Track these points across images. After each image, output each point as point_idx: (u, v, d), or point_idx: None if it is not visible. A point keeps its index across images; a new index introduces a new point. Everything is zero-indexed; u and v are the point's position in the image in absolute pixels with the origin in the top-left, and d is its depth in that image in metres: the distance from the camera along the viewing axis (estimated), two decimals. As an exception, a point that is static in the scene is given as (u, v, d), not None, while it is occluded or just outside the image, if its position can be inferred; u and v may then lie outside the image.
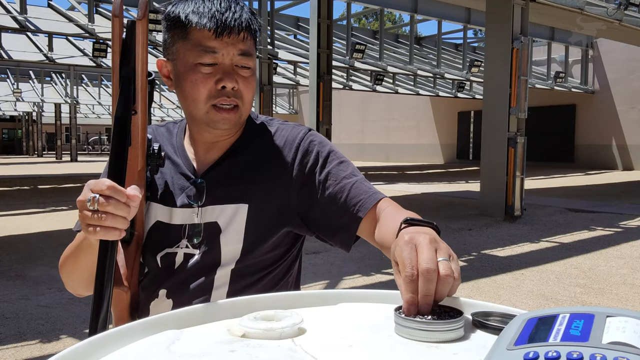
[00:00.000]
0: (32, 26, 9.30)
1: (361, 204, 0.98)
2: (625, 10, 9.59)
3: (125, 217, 0.79)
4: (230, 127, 0.98)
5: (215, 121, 0.96)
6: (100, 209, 0.77)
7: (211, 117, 0.96)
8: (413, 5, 13.27)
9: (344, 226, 0.99)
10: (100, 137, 46.64)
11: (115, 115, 0.85)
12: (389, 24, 28.35)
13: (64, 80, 24.45)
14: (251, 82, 0.97)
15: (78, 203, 0.81)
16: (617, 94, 18.26)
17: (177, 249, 0.99)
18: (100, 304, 0.81)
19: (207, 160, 1.03)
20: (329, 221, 1.00)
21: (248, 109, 0.99)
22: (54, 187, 12.94)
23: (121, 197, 0.78)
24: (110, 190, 0.78)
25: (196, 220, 0.99)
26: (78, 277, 1.00)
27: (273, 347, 0.64)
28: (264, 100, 10.30)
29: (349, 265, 4.86)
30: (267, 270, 1.02)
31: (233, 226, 0.98)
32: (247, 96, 0.97)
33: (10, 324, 3.33)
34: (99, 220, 0.78)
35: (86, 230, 0.80)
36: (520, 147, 7.60)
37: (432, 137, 24.31)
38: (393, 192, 11.29)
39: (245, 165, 1.02)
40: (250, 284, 1.00)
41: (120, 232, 0.80)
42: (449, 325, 0.65)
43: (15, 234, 6.52)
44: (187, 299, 0.97)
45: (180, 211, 1.00)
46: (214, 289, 0.98)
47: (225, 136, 1.02)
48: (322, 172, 1.02)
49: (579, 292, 4.02)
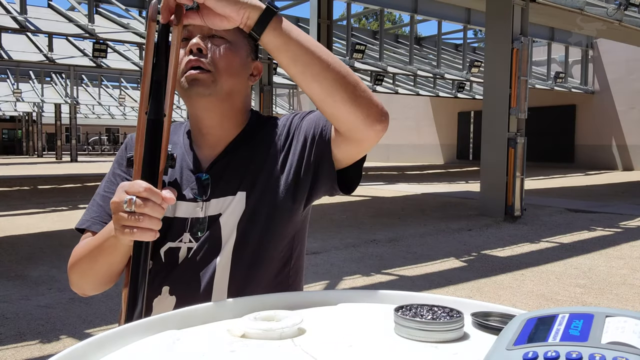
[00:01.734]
0: (32, 26, 9.30)
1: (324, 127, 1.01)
2: (625, 10, 9.59)
3: (159, 219, 0.82)
4: (204, 91, 0.97)
5: (186, 82, 0.96)
6: (137, 210, 0.80)
7: (184, 85, 0.96)
8: (413, 5, 13.27)
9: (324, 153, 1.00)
10: (100, 137, 46.63)
11: (148, 118, 0.86)
12: (388, 24, 28.37)
13: (64, 80, 24.45)
14: (225, 52, 0.97)
15: (112, 205, 0.83)
16: (617, 94, 18.26)
17: (180, 243, 1.00)
18: (134, 303, 0.84)
19: (211, 155, 1.05)
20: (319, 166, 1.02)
21: (225, 78, 0.98)
22: (54, 187, 12.94)
23: (157, 199, 0.81)
24: (147, 192, 0.80)
25: (200, 214, 1.00)
26: (92, 278, 1.00)
27: (273, 347, 0.64)
28: (264, 100, 10.31)
29: (349, 265, 4.86)
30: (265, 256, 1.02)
31: (232, 211, 1.00)
32: (220, 63, 0.97)
33: (10, 324, 3.33)
34: (136, 222, 0.80)
35: (121, 231, 0.82)
36: (520, 147, 7.60)
37: (432, 137, 24.31)
38: (393, 192, 11.29)
39: (247, 158, 1.04)
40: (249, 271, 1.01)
41: (155, 233, 0.82)
42: (449, 325, 0.65)
43: (16, 234, 6.52)
44: (189, 294, 0.97)
45: (184, 204, 1.01)
46: (216, 279, 0.98)
47: (204, 103, 1.00)
48: (295, 134, 1.05)
49: (579, 292, 4.02)
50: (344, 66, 0.88)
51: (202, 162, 1.05)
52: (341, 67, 0.87)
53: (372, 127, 0.90)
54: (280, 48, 0.83)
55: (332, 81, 0.85)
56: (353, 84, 0.87)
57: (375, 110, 0.89)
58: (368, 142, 0.94)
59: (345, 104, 0.87)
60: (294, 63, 0.85)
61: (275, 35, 0.82)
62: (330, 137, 0.99)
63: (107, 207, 1.04)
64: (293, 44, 0.84)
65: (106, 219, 1.03)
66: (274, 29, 0.82)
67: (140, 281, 0.85)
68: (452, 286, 4.17)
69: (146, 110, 0.86)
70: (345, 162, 1.01)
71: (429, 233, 6.50)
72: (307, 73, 0.85)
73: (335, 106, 0.88)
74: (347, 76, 0.87)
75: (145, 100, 0.87)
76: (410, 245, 5.78)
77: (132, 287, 0.85)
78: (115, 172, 1.09)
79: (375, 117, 0.89)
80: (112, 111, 32.13)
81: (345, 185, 1.03)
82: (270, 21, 0.82)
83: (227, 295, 0.98)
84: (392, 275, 4.57)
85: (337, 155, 0.99)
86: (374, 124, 0.89)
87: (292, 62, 0.85)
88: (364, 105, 0.88)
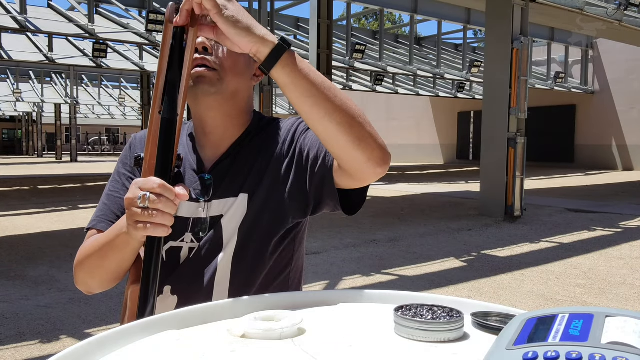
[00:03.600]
0: (32, 26, 9.30)
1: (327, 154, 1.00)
2: (625, 10, 9.59)
3: (172, 215, 0.83)
4: (209, 89, 0.98)
5: (192, 80, 0.97)
6: (151, 206, 0.81)
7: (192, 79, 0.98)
8: (413, 5, 13.27)
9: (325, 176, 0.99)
10: (100, 137, 46.63)
11: (162, 117, 0.87)
12: (388, 25, 28.37)
13: (64, 80, 24.46)
14: (231, 53, 0.99)
15: (126, 201, 0.84)
16: (617, 94, 18.26)
17: (181, 243, 1.01)
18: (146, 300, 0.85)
19: (214, 156, 1.06)
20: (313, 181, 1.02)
21: (230, 77, 1.00)
22: (54, 187, 12.94)
23: (170, 195, 0.82)
24: (161, 188, 0.82)
25: (202, 214, 1.01)
26: (101, 275, 1.01)
27: (273, 347, 0.64)
28: (264, 100, 10.30)
29: (349, 265, 4.86)
30: (267, 256, 1.03)
31: (234, 212, 1.01)
32: (226, 63, 0.99)
33: (10, 324, 3.33)
34: (149, 217, 0.81)
35: (134, 227, 0.83)
36: (520, 147, 7.60)
37: (432, 137, 24.31)
38: (393, 192, 11.29)
39: (250, 160, 1.04)
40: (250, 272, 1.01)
41: (168, 229, 0.83)
42: (449, 325, 0.65)
43: (16, 234, 6.52)
44: (191, 293, 0.98)
45: (186, 204, 1.02)
46: (216, 279, 0.99)
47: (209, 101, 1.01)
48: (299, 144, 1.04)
49: (579, 292, 4.02)
50: (353, 107, 0.87)
51: (205, 163, 1.05)
52: (350, 108, 0.86)
53: (373, 170, 0.90)
54: (289, 85, 0.83)
55: (338, 124, 0.84)
56: (359, 127, 0.86)
57: (378, 154, 0.88)
58: (367, 181, 0.95)
59: (348, 146, 0.86)
60: (302, 101, 0.84)
61: (285, 73, 0.82)
62: (332, 165, 0.98)
63: (112, 205, 1.05)
64: (302, 81, 0.83)
65: (111, 217, 1.04)
66: (284, 67, 0.81)
67: (152, 278, 0.86)
68: (452, 286, 4.17)
69: (160, 109, 0.88)
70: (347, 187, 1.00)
71: (429, 233, 6.50)
72: (314, 112, 0.85)
73: (339, 147, 0.87)
74: (355, 118, 0.86)
75: (159, 100, 0.88)
76: (410, 245, 5.78)
77: (144, 283, 0.86)
78: (120, 171, 1.10)
79: (376, 161, 0.89)
80: (112, 111, 32.16)
81: (349, 206, 1.03)
82: (281, 57, 0.81)
83: (228, 295, 0.99)
84: (392, 275, 4.57)
85: (338, 182, 0.98)
86: (374, 167, 0.89)
87: (300, 100, 0.84)
88: (367, 149, 0.87)
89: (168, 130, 0.88)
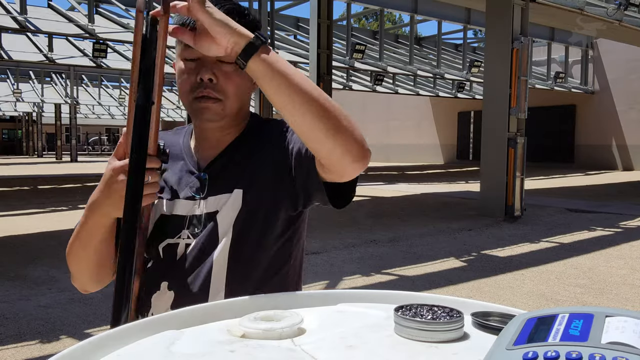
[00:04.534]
0: (32, 26, 9.29)
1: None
2: (625, 10, 9.60)
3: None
4: (214, 118, 1.02)
5: (197, 110, 1.02)
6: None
7: (195, 108, 1.02)
8: (413, 5, 13.27)
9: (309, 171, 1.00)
10: (100, 137, 46.65)
11: (137, 103, 0.88)
12: (388, 24, 28.34)
13: (64, 80, 24.45)
14: (233, 77, 1.01)
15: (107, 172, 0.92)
16: (617, 94, 18.25)
17: (178, 239, 1.03)
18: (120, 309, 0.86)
19: (211, 156, 1.08)
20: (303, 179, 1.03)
21: (233, 102, 1.03)
22: (54, 187, 12.94)
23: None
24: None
25: (197, 212, 1.03)
26: (85, 264, 1.02)
27: (273, 347, 0.64)
28: (264, 100, 10.31)
29: (349, 265, 4.86)
30: (263, 253, 1.04)
31: (229, 208, 1.02)
32: (229, 89, 1.01)
33: (10, 324, 3.33)
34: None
35: (116, 180, 0.90)
36: (520, 147, 7.60)
37: (432, 137, 24.30)
38: (393, 192, 11.29)
39: (245, 157, 1.06)
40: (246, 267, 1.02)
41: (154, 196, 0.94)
42: (449, 325, 0.65)
43: (16, 234, 6.52)
44: (187, 289, 0.99)
45: (183, 202, 1.04)
46: (213, 274, 1.00)
47: (217, 128, 1.06)
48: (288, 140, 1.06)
49: (579, 292, 4.02)
50: (328, 99, 0.88)
51: (201, 163, 1.08)
52: (326, 100, 0.87)
53: (350, 164, 0.90)
54: (265, 77, 0.85)
55: (313, 115, 0.86)
56: (335, 119, 0.87)
57: (355, 148, 0.89)
58: (346, 175, 0.95)
59: (323, 139, 0.87)
60: (277, 93, 0.86)
61: (260, 65, 0.85)
62: (314, 158, 0.98)
63: None
64: (277, 74, 0.85)
65: None
66: (259, 59, 0.84)
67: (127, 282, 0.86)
68: (452, 286, 4.18)
69: (135, 97, 0.88)
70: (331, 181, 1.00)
71: (429, 233, 6.50)
72: (289, 105, 0.86)
73: (315, 139, 0.88)
74: (330, 110, 0.87)
75: (135, 89, 0.89)
76: (410, 245, 5.78)
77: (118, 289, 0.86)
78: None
79: (353, 156, 0.89)
80: (112, 111, 32.13)
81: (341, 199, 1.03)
82: (257, 51, 0.84)
83: (225, 291, 1.00)
84: (392, 275, 4.57)
85: (322, 176, 0.98)
86: (352, 162, 0.90)
87: (275, 93, 0.86)
88: (343, 143, 0.87)
89: (142, 117, 0.88)
